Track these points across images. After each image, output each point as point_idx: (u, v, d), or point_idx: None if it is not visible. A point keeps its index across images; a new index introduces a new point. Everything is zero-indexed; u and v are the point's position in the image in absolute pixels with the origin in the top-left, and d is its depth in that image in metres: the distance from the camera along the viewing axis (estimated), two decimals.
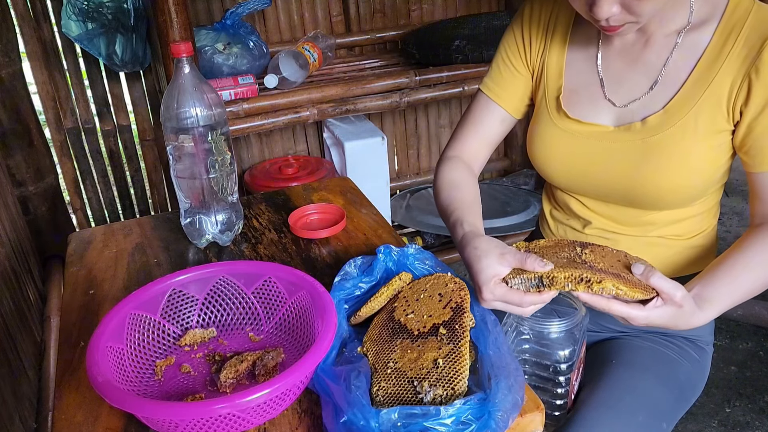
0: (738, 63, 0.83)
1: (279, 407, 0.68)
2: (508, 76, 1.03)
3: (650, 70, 0.90)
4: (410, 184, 2.56)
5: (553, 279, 0.74)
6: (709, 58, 0.86)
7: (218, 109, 0.96)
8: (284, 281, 0.81)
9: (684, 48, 0.88)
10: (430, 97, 1.92)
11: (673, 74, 0.88)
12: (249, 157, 2.29)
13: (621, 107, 0.92)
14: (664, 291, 0.75)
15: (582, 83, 0.96)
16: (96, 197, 2.21)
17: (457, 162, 1.05)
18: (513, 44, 1.03)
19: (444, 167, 1.05)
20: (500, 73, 1.04)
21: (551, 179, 1.01)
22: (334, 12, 2.20)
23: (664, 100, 0.89)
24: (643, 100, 0.90)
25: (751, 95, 0.82)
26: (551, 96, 0.98)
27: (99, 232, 1.12)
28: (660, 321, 0.77)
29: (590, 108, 0.94)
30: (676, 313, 0.77)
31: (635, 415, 0.90)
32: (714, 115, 0.85)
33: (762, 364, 1.85)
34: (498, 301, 0.78)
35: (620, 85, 0.93)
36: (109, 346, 0.71)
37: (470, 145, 1.06)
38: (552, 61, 0.99)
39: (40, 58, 1.94)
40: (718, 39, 0.85)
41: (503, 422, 0.61)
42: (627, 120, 0.91)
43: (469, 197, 0.98)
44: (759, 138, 0.84)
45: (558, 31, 0.98)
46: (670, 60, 0.88)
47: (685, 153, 0.87)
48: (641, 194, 0.91)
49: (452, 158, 1.06)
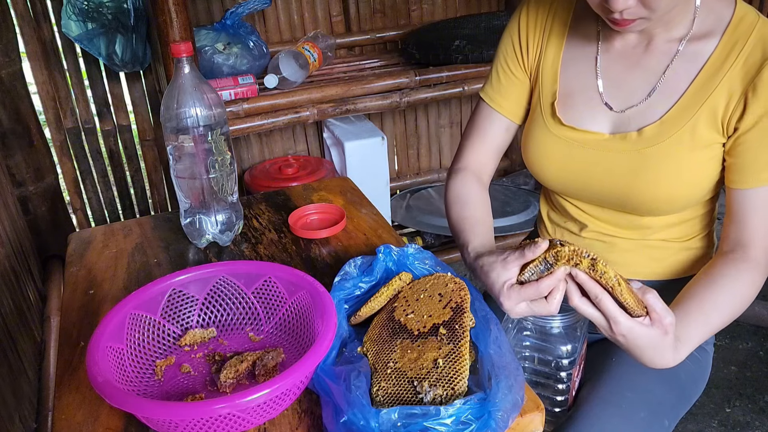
0: (738, 78, 0.83)
1: (279, 407, 0.68)
2: (507, 83, 1.03)
3: (649, 76, 0.90)
4: (410, 184, 2.56)
5: (557, 253, 0.72)
6: (709, 71, 0.85)
7: (218, 109, 0.96)
8: (284, 281, 0.81)
9: (685, 57, 0.87)
10: (430, 97, 1.92)
11: (672, 83, 0.88)
12: (249, 157, 2.29)
13: (618, 112, 0.91)
14: (656, 311, 0.73)
15: (579, 87, 0.95)
16: (96, 197, 2.21)
17: (465, 174, 1.04)
18: (510, 49, 1.02)
19: (452, 181, 1.04)
20: (499, 80, 1.03)
21: (547, 184, 1.01)
22: (334, 12, 2.20)
23: (661, 110, 0.88)
24: (640, 107, 0.90)
25: (746, 113, 0.82)
26: (546, 101, 0.97)
27: (99, 232, 1.12)
28: (640, 340, 0.74)
29: (586, 113, 0.94)
30: (659, 340, 0.74)
31: (637, 412, 0.90)
32: (709, 128, 0.85)
33: (762, 364, 1.85)
34: (523, 305, 0.77)
35: (619, 89, 0.92)
36: (109, 346, 0.71)
37: (477, 156, 1.06)
38: (548, 64, 0.98)
39: (40, 58, 1.94)
40: (720, 52, 0.84)
41: (503, 422, 0.61)
42: (623, 128, 0.91)
43: (477, 213, 0.98)
44: (742, 154, 0.84)
45: (554, 32, 0.97)
46: (670, 67, 0.88)
47: (680, 165, 0.87)
48: (637, 202, 0.91)
49: (460, 171, 1.05)
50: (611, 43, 0.93)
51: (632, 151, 0.89)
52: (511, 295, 0.77)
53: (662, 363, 0.78)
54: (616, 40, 0.93)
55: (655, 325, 0.74)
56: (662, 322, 0.73)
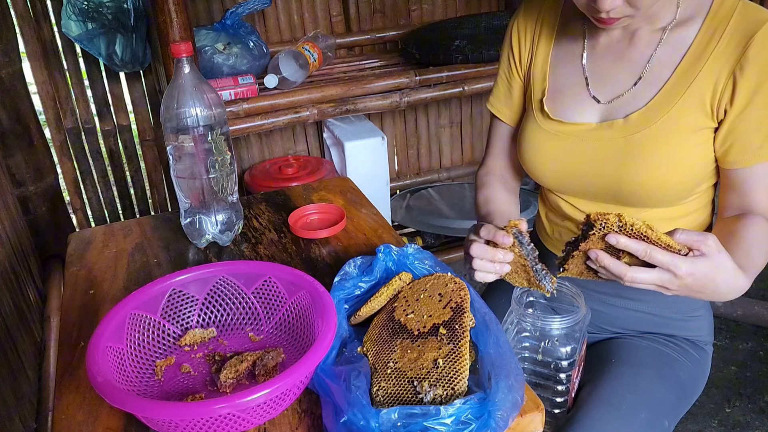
0: (722, 61, 0.83)
1: (279, 407, 0.68)
2: (505, 90, 1.08)
3: (634, 66, 0.91)
4: (410, 184, 2.56)
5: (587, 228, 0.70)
6: (693, 56, 0.86)
7: (218, 109, 0.96)
8: (284, 281, 0.81)
9: (668, 44, 0.88)
10: (430, 97, 1.92)
11: (657, 71, 0.89)
12: (249, 157, 2.29)
13: (605, 104, 0.93)
14: (696, 239, 0.71)
15: (567, 83, 0.97)
16: (96, 197, 2.21)
17: (489, 179, 1.10)
18: (506, 59, 1.07)
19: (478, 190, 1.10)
20: (499, 88, 1.09)
21: (541, 181, 1.02)
22: (334, 12, 2.20)
23: (647, 97, 0.89)
24: (626, 96, 0.91)
25: (736, 93, 0.83)
26: (536, 99, 1.00)
27: (99, 232, 1.12)
28: (708, 271, 0.72)
29: (574, 107, 0.95)
30: (722, 261, 0.72)
31: (637, 413, 0.90)
32: (696, 112, 0.86)
33: (762, 364, 1.85)
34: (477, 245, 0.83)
35: (604, 82, 0.93)
36: (109, 346, 0.71)
37: (497, 163, 1.13)
38: (537, 66, 1.01)
39: (40, 58, 1.94)
40: (702, 36, 0.85)
41: (503, 422, 0.61)
42: (610, 117, 0.92)
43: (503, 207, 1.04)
44: (741, 134, 0.84)
45: (543, 36, 1.00)
46: (654, 56, 0.89)
47: (666, 150, 0.87)
48: (627, 191, 0.91)
49: (483, 176, 1.12)
50: (596, 39, 0.95)
51: (619, 138, 0.90)
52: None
53: (739, 286, 0.76)
54: (601, 37, 0.94)
55: (707, 251, 0.72)
56: (709, 244, 0.72)
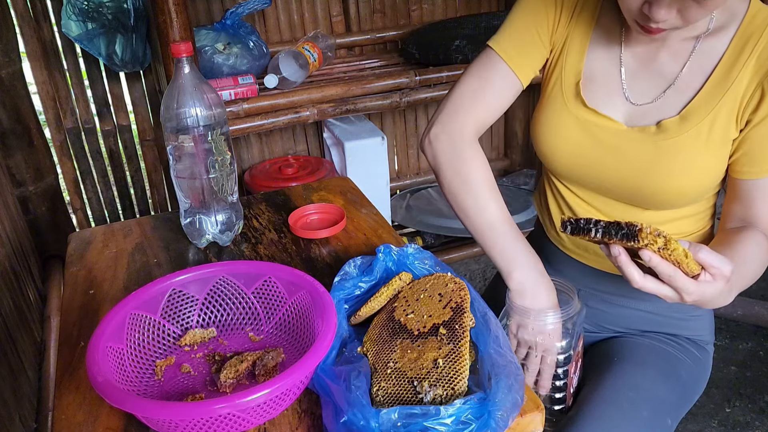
0: (753, 71, 0.83)
1: (279, 407, 0.68)
2: (529, 43, 0.95)
3: (665, 73, 0.90)
4: (410, 184, 2.56)
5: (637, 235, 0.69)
6: (725, 66, 0.85)
7: (218, 109, 0.96)
8: (284, 281, 0.81)
9: (701, 53, 0.87)
10: (430, 97, 1.92)
11: (687, 79, 0.88)
12: (249, 157, 2.28)
13: (635, 105, 0.92)
14: (715, 266, 0.72)
15: (601, 74, 0.94)
16: (96, 197, 2.21)
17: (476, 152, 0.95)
18: (542, 13, 0.94)
19: (443, 146, 0.95)
20: (520, 37, 0.95)
21: (553, 167, 0.99)
22: (334, 12, 2.20)
23: (678, 106, 0.88)
24: (655, 103, 0.90)
25: (762, 104, 0.83)
26: (569, 81, 0.95)
27: (99, 232, 1.12)
28: (708, 296, 0.74)
29: (606, 99, 0.93)
30: (723, 288, 0.74)
31: (639, 411, 0.90)
32: (728, 123, 0.86)
33: (762, 364, 1.85)
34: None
35: (636, 83, 0.92)
36: (109, 346, 0.71)
37: (478, 113, 0.96)
38: (575, 44, 0.95)
39: (40, 58, 1.94)
40: (735, 47, 0.85)
41: (503, 422, 0.61)
42: (639, 121, 0.91)
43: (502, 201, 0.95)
44: (756, 145, 0.84)
45: (583, 15, 0.95)
46: (686, 65, 0.88)
47: (694, 158, 0.87)
48: (648, 194, 0.91)
49: (456, 132, 0.95)
50: (632, 36, 0.93)
51: (649, 143, 0.89)
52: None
53: (722, 304, 0.80)
54: (636, 36, 0.92)
55: (718, 279, 0.73)
56: (724, 274, 0.73)
